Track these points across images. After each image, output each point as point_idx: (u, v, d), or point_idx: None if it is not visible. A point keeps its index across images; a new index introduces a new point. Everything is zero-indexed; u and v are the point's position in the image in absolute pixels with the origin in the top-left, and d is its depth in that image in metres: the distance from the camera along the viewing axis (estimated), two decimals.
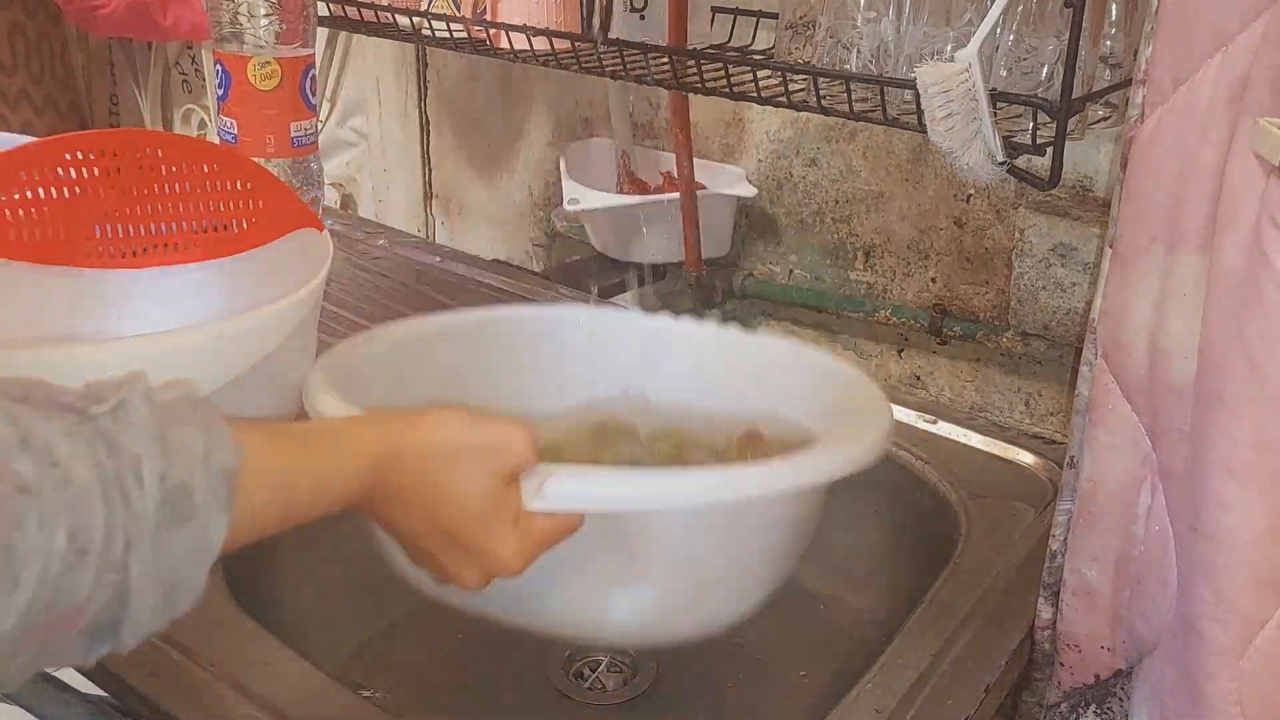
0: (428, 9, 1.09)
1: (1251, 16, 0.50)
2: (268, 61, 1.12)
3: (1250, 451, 0.50)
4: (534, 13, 1.02)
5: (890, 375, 1.21)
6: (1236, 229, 0.50)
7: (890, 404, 0.66)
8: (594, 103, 1.37)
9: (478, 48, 1.07)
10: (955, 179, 1.09)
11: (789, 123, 1.21)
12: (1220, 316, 0.51)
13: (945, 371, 1.17)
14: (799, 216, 1.24)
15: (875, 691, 0.62)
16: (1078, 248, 1.02)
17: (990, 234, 1.10)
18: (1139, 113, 0.56)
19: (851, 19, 0.85)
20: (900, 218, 1.16)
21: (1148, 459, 0.60)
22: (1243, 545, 0.52)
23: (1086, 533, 0.63)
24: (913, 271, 1.17)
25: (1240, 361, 0.50)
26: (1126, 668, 0.65)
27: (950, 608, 0.69)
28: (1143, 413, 0.59)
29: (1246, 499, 0.51)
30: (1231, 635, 0.53)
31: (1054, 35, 0.78)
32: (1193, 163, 0.53)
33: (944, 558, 0.76)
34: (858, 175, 1.18)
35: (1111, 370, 0.60)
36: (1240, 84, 0.51)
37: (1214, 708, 0.54)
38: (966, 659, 0.65)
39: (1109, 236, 0.59)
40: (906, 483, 0.85)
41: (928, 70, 0.72)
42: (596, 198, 1.21)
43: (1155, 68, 0.54)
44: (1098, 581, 0.64)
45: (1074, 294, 1.03)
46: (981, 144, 0.72)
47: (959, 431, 0.89)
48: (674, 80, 0.94)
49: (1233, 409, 0.50)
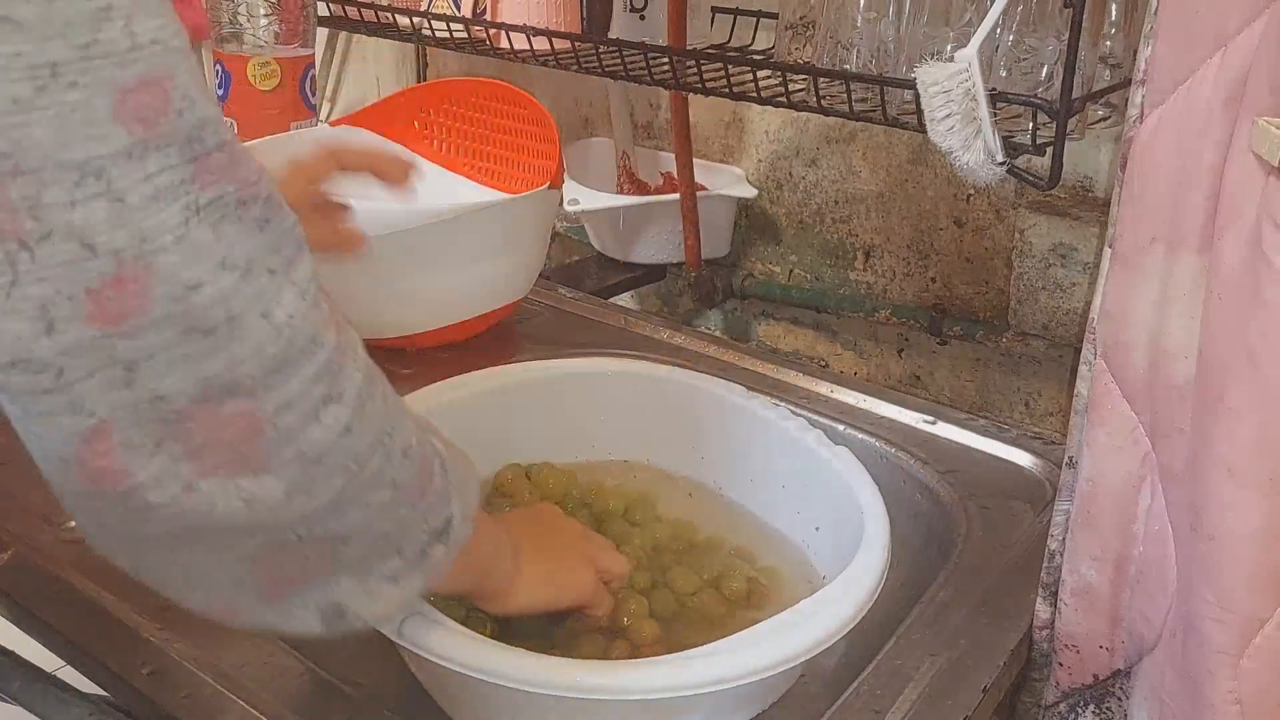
0: (428, 9, 1.09)
1: (1251, 16, 0.50)
2: (267, 61, 1.12)
3: (1250, 451, 0.50)
4: (533, 13, 1.02)
5: (890, 375, 1.21)
6: (1236, 229, 0.50)
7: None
8: (594, 103, 1.37)
9: (477, 47, 1.08)
10: (955, 179, 1.09)
11: (789, 123, 1.21)
12: (1220, 316, 0.51)
13: (945, 371, 1.17)
14: (799, 216, 1.24)
15: (873, 691, 0.62)
16: (1077, 248, 1.02)
17: (990, 234, 1.10)
18: (1139, 113, 0.56)
19: (851, 19, 0.85)
20: (900, 218, 1.16)
21: (1147, 459, 0.60)
22: (1243, 545, 0.52)
23: (1086, 533, 0.63)
24: (913, 271, 1.17)
25: (1240, 361, 0.50)
26: (1125, 668, 0.65)
27: (949, 607, 0.69)
28: (1142, 413, 0.59)
29: (1247, 499, 0.51)
30: (1231, 635, 0.53)
31: (1054, 35, 0.78)
32: (1192, 163, 0.53)
33: (943, 557, 0.76)
34: (858, 175, 1.18)
35: (1111, 370, 0.60)
36: (1240, 84, 0.51)
37: (1214, 708, 0.54)
38: (965, 659, 0.65)
39: (1109, 236, 0.59)
40: (905, 483, 0.85)
41: (927, 70, 0.72)
42: (596, 198, 1.21)
43: (1155, 68, 0.54)
44: (1097, 581, 0.64)
45: (1074, 294, 1.03)
46: (981, 144, 0.72)
47: (958, 432, 0.89)
48: (674, 80, 0.94)
49: (1233, 409, 0.50)
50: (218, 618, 0.47)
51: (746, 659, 0.57)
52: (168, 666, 0.63)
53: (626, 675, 0.56)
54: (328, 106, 1.62)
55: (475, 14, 1.06)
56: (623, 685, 0.55)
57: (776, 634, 0.58)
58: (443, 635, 0.56)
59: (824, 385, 0.95)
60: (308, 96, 1.16)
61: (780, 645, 0.58)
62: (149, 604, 0.67)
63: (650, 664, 0.57)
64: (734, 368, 0.98)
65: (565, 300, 1.13)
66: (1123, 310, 0.58)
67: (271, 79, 1.12)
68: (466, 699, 0.62)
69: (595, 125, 1.38)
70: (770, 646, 0.57)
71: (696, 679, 0.56)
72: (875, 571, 0.63)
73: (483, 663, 0.55)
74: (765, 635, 0.58)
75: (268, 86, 1.12)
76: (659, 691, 0.55)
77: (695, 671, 0.56)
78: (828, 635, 0.58)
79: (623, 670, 0.56)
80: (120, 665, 0.64)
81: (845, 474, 0.72)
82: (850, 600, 0.60)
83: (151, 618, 0.66)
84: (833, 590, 0.61)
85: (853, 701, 0.62)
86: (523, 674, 0.55)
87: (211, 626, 0.65)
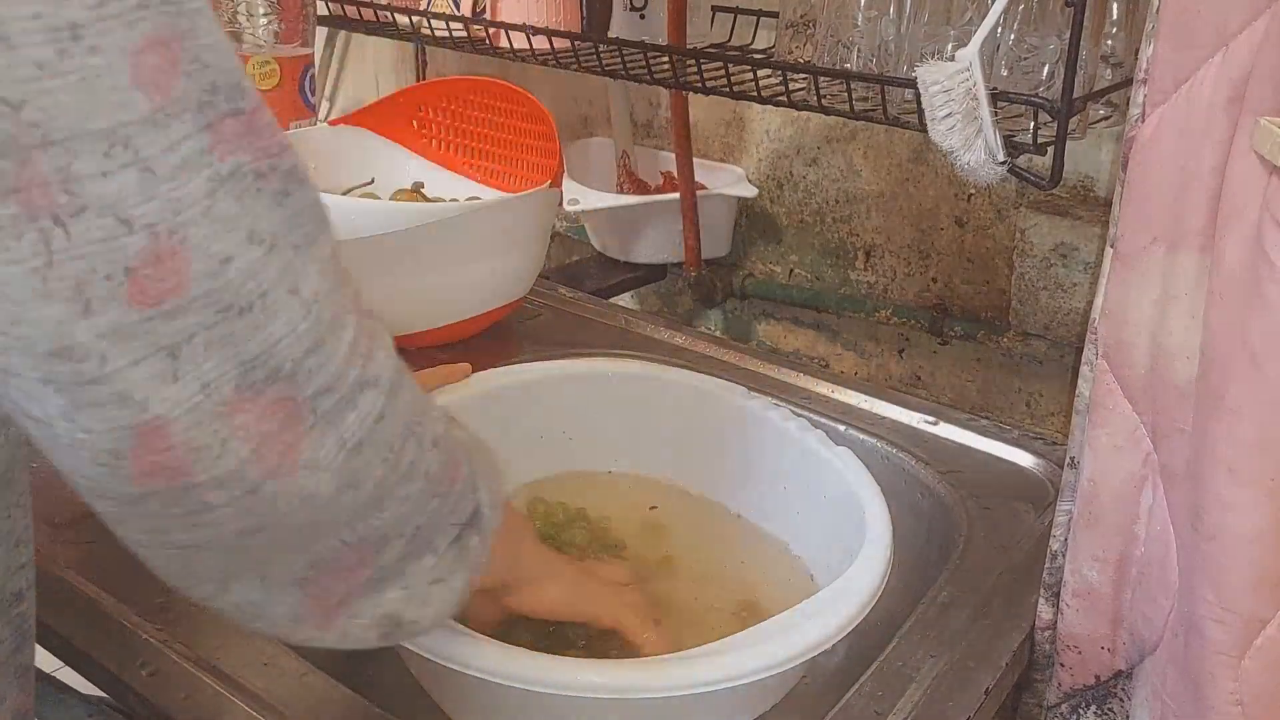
0: (427, 8, 1.09)
1: (1252, 16, 0.50)
2: (267, 61, 1.12)
3: (1252, 451, 0.50)
4: (533, 12, 1.02)
5: (890, 375, 1.21)
6: (1238, 228, 0.50)
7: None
8: (594, 102, 1.37)
9: (477, 47, 1.07)
10: (956, 178, 1.09)
11: (789, 122, 1.21)
12: (1222, 316, 0.51)
13: (946, 372, 1.17)
14: (799, 216, 1.24)
15: (875, 692, 0.62)
16: (1079, 247, 1.01)
17: (991, 234, 1.10)
18: (1140, 112, 0.55)
19: (852, 18, 0.85)
20: (901, 217, 1.16)
21: (1149, 459, 0.59)
22: (1245, 545, 0.51)
23: (1087, 533, 0.63)
24: (913, 271, 1.17)
25: (1242, 361, 0.49)
26: (1127, 668, 0.65)
27: (950, 608, 0.69)
28: (1144, 413, 0.59)
29: (1248, 499, 0.51)
30: (1233, 635, 0.53)
31: (1055, 34, 0.78)
32: (1194, 162, 0.53)
33: (944, 558, 0.76)
34: (858, 175, 1.17)
35: (1112, 370, 0.60)
36: (1241, 83, 0.51)
37: (1215, 708, 0.54)
38: (966, 660, 0.65)
39: (1110, 236, 0.59)
40: (906, 483, 0.84)
41: (928, 69, 0.72)
42: (596, 198, 1.21)
43: (1156, 67, 0.54)
44: (1099, 582, 0.63)
45: (1075, 294, 1.03)
46: (982, 143, 0.72)
47: (959, 432, 0.89)
48: (674, 79, 0.94)
49: (1234, 409, 0.50)
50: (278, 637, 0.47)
51: (748, 659, 0.57)
52: (167, 667, 0.63)
53: (628, 675, 0.56)
54: (327, 105, 1.62)
55: (475, 13, 1.06)
56: (624, 685, 0.55)
57: (778, 634, 0.58)
58: (443, 635, 0.56)
59: (825, 385, 0.95)
60: (307, 96, 1.16)
61: (782, 646, 0.57)
62: (149, 605, 0.67)
63: (652, 664, 0.57)
64: (734, 368, 0.98)
65: (565, 300, 1.13)
66: (1124, 310, 0.58)
67: (271, 78, 1.12)
68: (466, 699, 0.62)
69: (595, 125, 1.38)
70: (772, 647, 0.57)
71: (698, 679, 0.56)
72: (877, 572, 0.62)
73: (483, 663, 0.55)
74: (767, 636, 0.58)
75: (267, 86, 1.12)
76: (661, 691, 0.55)
77: (697, 672, 0.56)
78: (829, 636, 0.58)
79: (624, 670, 0.56)
80: (120, 666, 0.64)
81: (847, 475, 0.72)
82: (852, 601, 0.60)
83: (151, 618, 0.66)
84: (834, 591, 0.61)
85: (854, 702, 0.62)
86: (523, 674, 0.55)
87: (211, 627, 0.65)
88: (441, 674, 0.58)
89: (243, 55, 1.11)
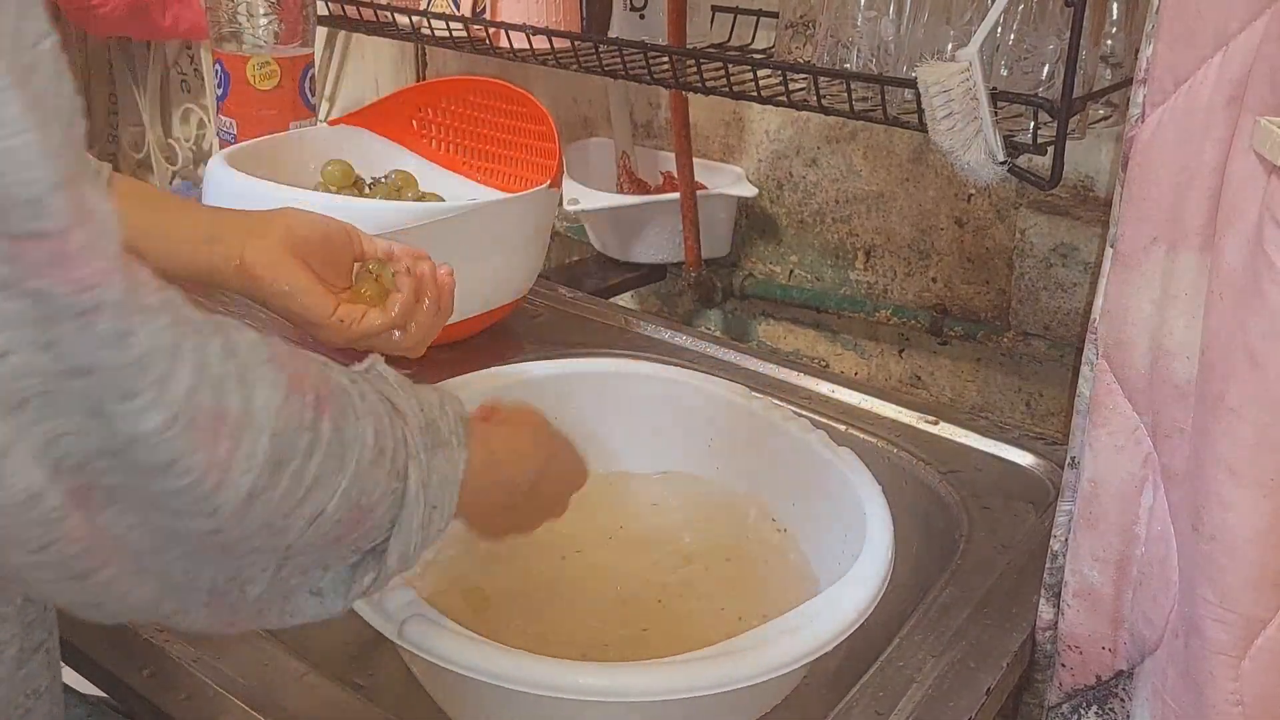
0: (427, 8, 1.09)
1: (1252, 16, 0.50)
2: (267, 61, 1.12)
3: (1252, 451, 0.50)
4: (533, 12, 1.02)
5: (891, 375, 1.21)
6: (1238, 228, 0.50)
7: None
8: (594, 102, 1.37)
9: (477, 47, 1.07)
10: (956, 179, 1.09)
11: (789, 122, 1.21)
12: (1222, 316, 0.51)
13: (946, 372, 1.17)
14: (799, 216, 1.24)
15: (875, 693, 0.62)
16: (1079, 247, 1.01)
17: (991, 234, 1.10)
18: (1140, 112, 0.55)
19: (852, 18, 0.85)
20: (901, 218, 1.16)
21: (1149, 459, 0.59)
22: (1245, 545, 0.51)
23: (1088, 533, 0.63)
24: (913, 271, 1.17)
25: (1242, 361, 0.49)
26: (1128, 668, 0.65)
27: (951, 608, 0.69)
28: (1144, 413, 0.59)
29: (1248, 499, 0.51)
30: (1233, 635, 0.53)
31: (1055, 34, 0.78)
32: (1194, 162, 0.53)
33: (945, 558, 0.76)
34: (858, 175, 1.17)
35: (1113, 370, 0.60)
36: (1241, 83, 0.51)
37: (1216, 708, 0.54)
38: (967, 660, 0.65)
39: (1110, 236, 0.59)
40: (907, 483, 0.84)
41: (928, 69, 0.72)
42: (596, 198, 1.21)
43: (1156, 67, 0.54)
44: (1099, 582, 0.63)
45: (1075, 294, 1.03)
46: (982, 143, 0.72)
47: (960, 432, 0.89)
48: (674, 79, 0.94)
49: (1234, 408, 0.50)
50: None
51: (750, 661, 0.56)
52: (167, 668, 0.63)
53: (629, 677, 0.56)
54: (327, 106, 1.62)
55: (475, 13, 1.06)
56: (625, 687, 0.55)
57: (780, 636, 0.58)
58: (443, 636, 0.56)
59: (825, 385, 0.95)
60: (307, 96, 1.16)
61: (784, 647, 0.57)
62: None
63: (653, 666, 0.57)
64: (735, 368, 0.98)
65: (565, 300, 1.13)
66: (1124, 310, 0.58)
67: (271, 79, 1.12)
68: (466, 699, 0.62)
69: (595, 125, 1.38)
70: (774, 648, 0.57)
71: (700, 681, 0.55)
72: (878, 573, 0.62)
73: (483, 663, 0.55)
74: (769, 637, 0.58)
75: (267, 86, 1.12)
76: (662, 694, 0.55)
77: (699, 673, 0.56)
78: (831, 637, 0.58)
79: (625, 672, 0.56)
80: (120, 667, 0.64)
81: (848, 475, 0.72)
82: (853, 602, 0.60)
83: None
84: (836, 592, 0.61)
85: (856, 702, 0.62)
86: (524, 676, 0.55)
87: None
88: (442, 675, 0.58)
89: (243, 55, 1.11)
